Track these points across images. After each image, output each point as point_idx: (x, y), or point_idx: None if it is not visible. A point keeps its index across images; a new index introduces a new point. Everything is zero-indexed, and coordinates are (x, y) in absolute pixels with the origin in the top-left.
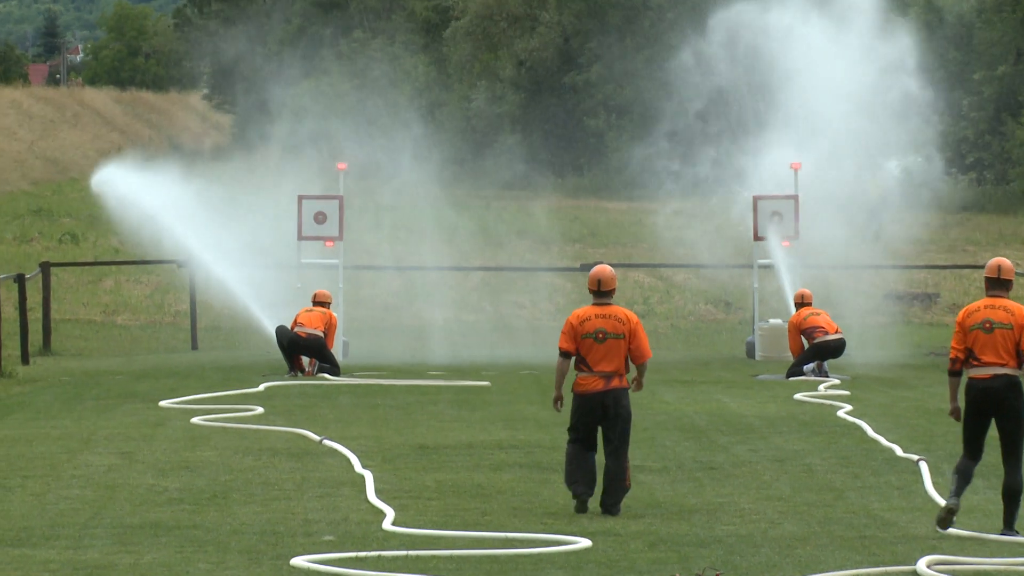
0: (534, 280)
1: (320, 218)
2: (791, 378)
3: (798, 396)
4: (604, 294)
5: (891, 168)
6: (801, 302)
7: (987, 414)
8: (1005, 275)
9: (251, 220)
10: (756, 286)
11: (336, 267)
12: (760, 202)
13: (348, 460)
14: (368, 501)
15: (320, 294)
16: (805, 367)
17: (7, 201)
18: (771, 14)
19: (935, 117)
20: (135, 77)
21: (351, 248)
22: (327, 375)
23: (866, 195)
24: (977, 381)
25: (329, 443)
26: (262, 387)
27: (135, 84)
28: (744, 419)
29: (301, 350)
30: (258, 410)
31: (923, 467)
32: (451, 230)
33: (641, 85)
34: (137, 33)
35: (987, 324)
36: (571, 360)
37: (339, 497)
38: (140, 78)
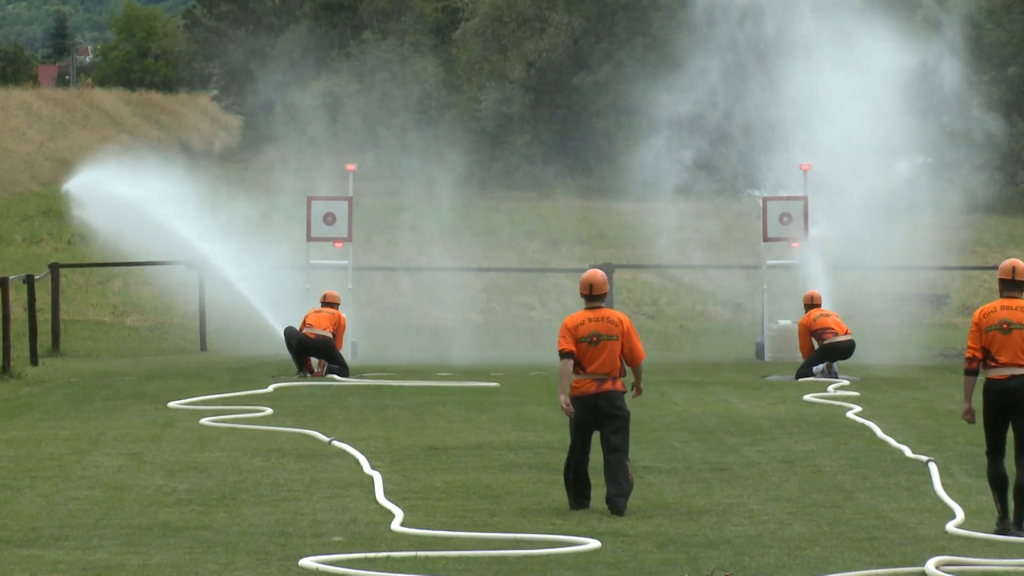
0: (543, 281)
1: (329, 219)
2: (800, 379)
3: (807, 397)
4: (596, 298)
5: (901, 169)
6: (811, 303)
7: (1005, 414)
8: (1020, 276)
9: (260, 221)
10: (765, 287)
11: (345, 268)
12: (769, 203)
13: (357, 461)
14: (377, 502)
15: (329, 295)
16: (814, 368)
17: (16, 202)
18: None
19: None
20: (144, 78)
21: (360, 249)
22: (336, 376)
23: (877, 196)
24: (995, 382)
25: (338, 444)
26: (271, 388)
27: (144, 85)
28: (753, 420)
29: (310, 351)
30: (267, 411)
31: (932, 468)
32: (460, 231)
33: (650, 85)
34: (146, 34)
35: (1004, 325)
36: (573, 360)
37: (348, 498)
38: (149, 79)
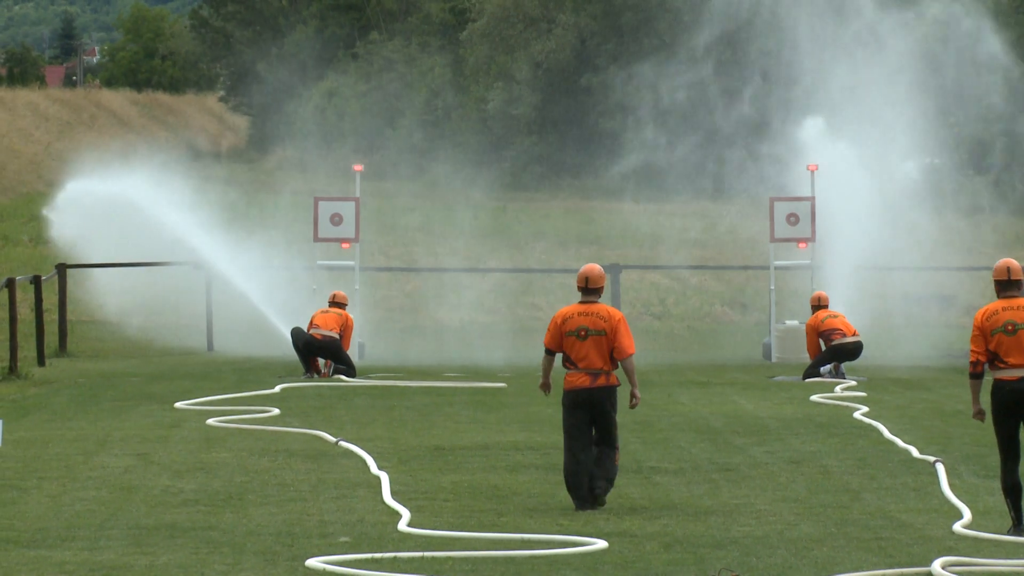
0: (550, 281)
1: (336, 220)
2: (807, 380)
3: (814, 398)
4: (591, 292)
5: (908, 169)
6: (818, 304)
7: (1016, 415)
8: (1015, 275)
9: (266, 221)
10: (773, 287)
11: (352, 269)
12: (776, 203)
13: (364, 461)
14: (384, 502)
15: (337, 295)
16: (822, 369)
17: (24, 203)
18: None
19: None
20: (151, 79)
21: (367, 249)
22: (343, 376)
23: (885, 196)
24: (1005, 383)
25: (345, 444)
26: (278, 388)
27: (151, 86)
28: (760, 421)
29: (316, 352)
30: (274, 411)
31: (939, 469)
32: (467, 232)
33: (658, 85)
34: (154, 35)
35: (1009, 326)
36: (555, 357)
37: (355, 498)
38: (156, 80)
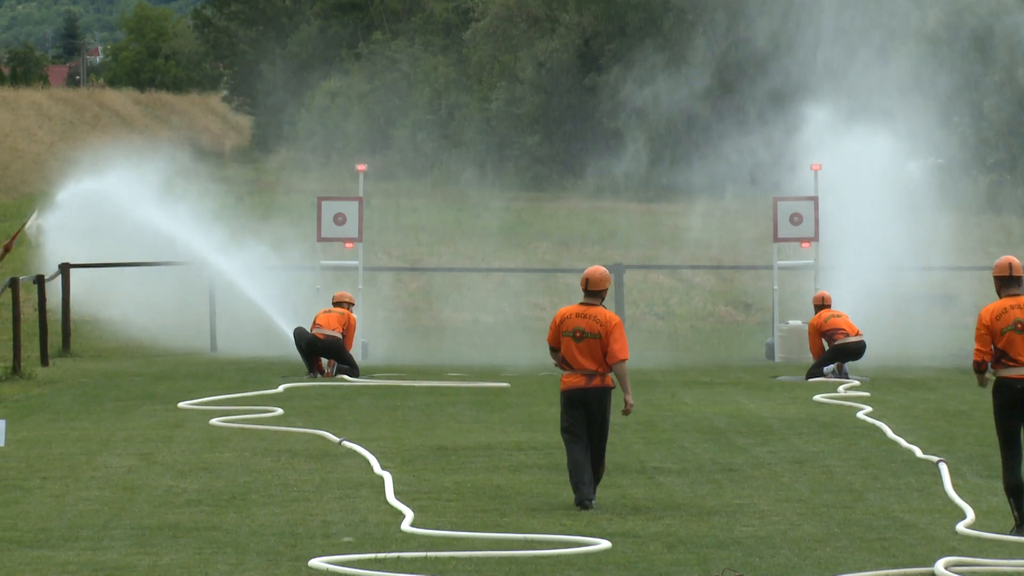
0: (553, 281)
1: (340, 219)
2: (811, 379)
3: (817, 398)
4: (593, 294)
5: (911, 169)
6: (821, 304)
7: (1021, 414)
8: (1016, 272)
9: (270, 221)
10: (776, 287)
11: (355, 268)
12: (780, 203)
13: (367, 461)
14: (387, 502)
15: (341, 295)
16: (825, 368)
17: (27, 202)
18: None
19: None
20: (155, 78)
21: (370, 249)
22: (346, 376)
23: (889, 196)
24: (1013, 381)
25: (348, 444)
26: (281, 388)
27: (155, 85)
28: (763, 421)
29: (319, 352)
30: (277, 411)
31: (943, 469)
32: (470, 231)
33: (661, 85)
34: (157, 34)
35: (1019, 325)
36: (560, 353)
37: (358, 498)
38: (160, 79)
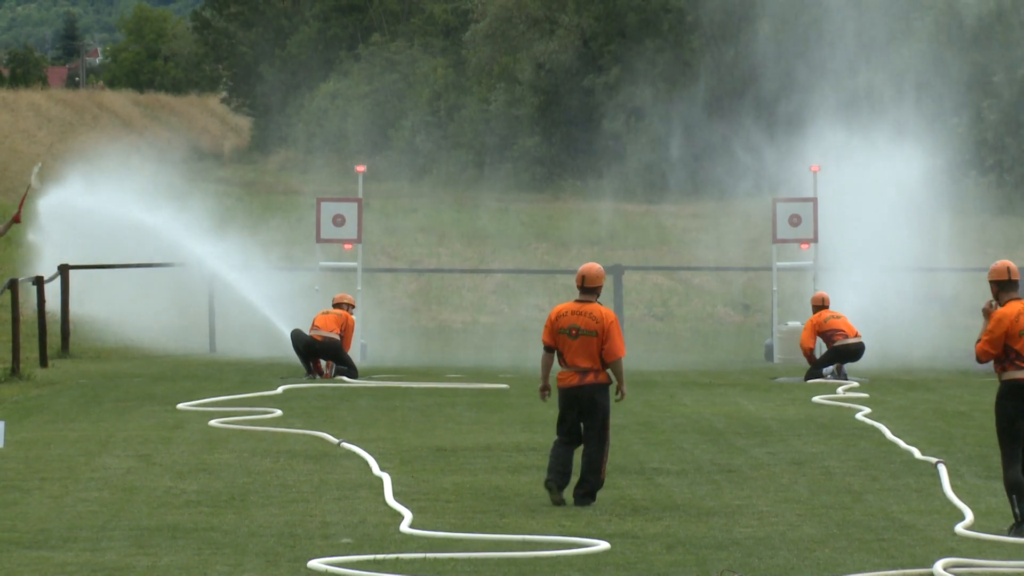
0: (553, 283)
1: (338, 220)
2: (810, 381)
3: (816, 399)
4: (588, 291)
5: (911, 170)
6: (820, 305)
7: None
8: (1015, 276)
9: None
10: (775, 289)
11: (354, 270)
12: (779, 204)
13: (366, 462)
14: (386, 503)
15: (340, 297)
16: (824, 370)
17: (26, 203)
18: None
19: (955, 119)
20: (154, 79)
21: (369, 250)
22: (345, 377)
23: (888, 197)
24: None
25: (347, 445)
26: (280, 389)
27: (154, 87)
28: (762, 422)
29: (317, 353)
30: (276, 412)
31: (942, 470)
32: (469, 233)
33: (661, 86)
34: (156, 36)
35: None
36: (554, 353)
37: (357, 499)
38: (159, 80)
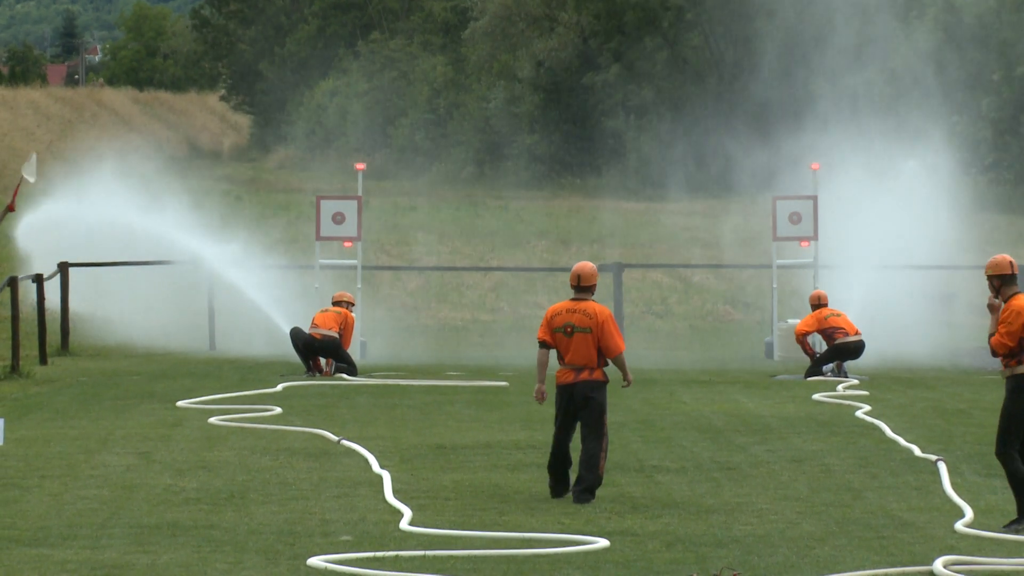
0: (553, 280)
1: (338, 218)
2: (809, 378)
3: (816, 396)
4: (583, 289)
5: (910, 168)
6: (818, 303)
7: None
8: (1015, 269)
9: (268, 220)
10: (775, 286)
11: (354, 267)
12: (779, 202)
13: (366, 460)
14: (386, 501)
15: (339, 295)
16: (824, 368)
17: (26, 201)
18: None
19: (954, 117)
20: (153, 77)
21: (369, 248)
22: (345, 375)
23: (887, 194)
24: None
25: (347, 443)
26: (280, 387)
27: (153, 84)
28: (762, 419)
29: (316, 351)
30: (276, 410)
31: (941, 467)
32: (469, 230)
33: (660, 84)
34: (155, 33)
35: None
36: (550, 351)
37: (357, 497)
38: (158, 78)
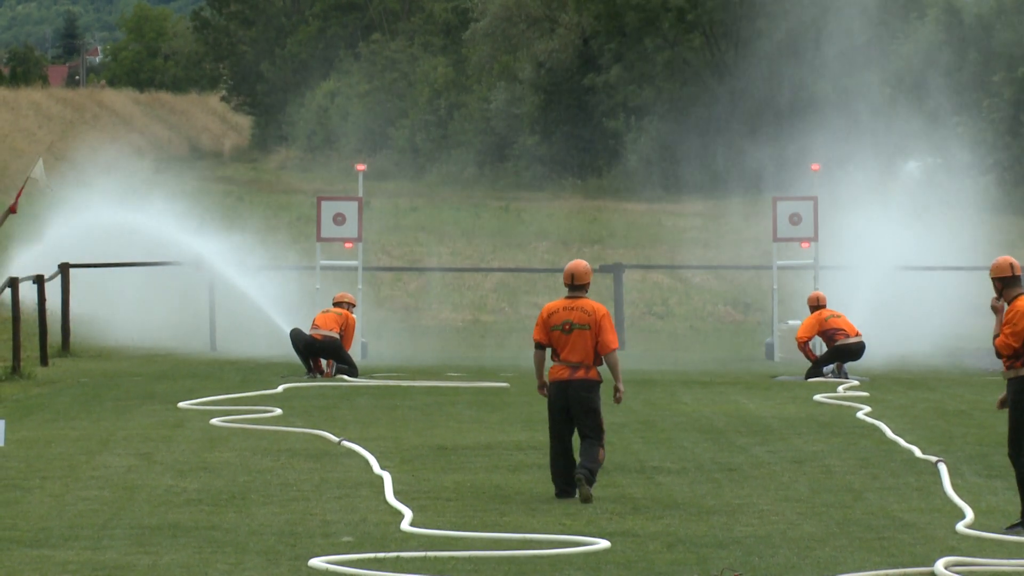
0: (553, 281)
1: (339, 219)
2: (810, 379)
3: (817, 397)
4: (577, 287)
5: (910, 169)
6: (817, 304)
7: None
8: (1018, 271)
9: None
10: (775, 287)
11: (355, 268)
12: (779, 203)
13: (367, 461)
14: (387, 502)
15: (340, 296)
16: (824, 369)
17: (27, 202)
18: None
19: (955, 118)
20: (154, 78)
21: (370, 249)
22: (345, 376)
23: (888, 195)
24: None
25: (348, 444)
26: (281, 388)
27: (154, 85)
28: (763, 420)
29: (317, 352)
30: (277, 411)
31: (942, 468)
32: (470, 231)
33: (661, 85)
34: (156, 34)
35: None
36: (546, 351)
37: (357, 498)
38: (159, 79)
